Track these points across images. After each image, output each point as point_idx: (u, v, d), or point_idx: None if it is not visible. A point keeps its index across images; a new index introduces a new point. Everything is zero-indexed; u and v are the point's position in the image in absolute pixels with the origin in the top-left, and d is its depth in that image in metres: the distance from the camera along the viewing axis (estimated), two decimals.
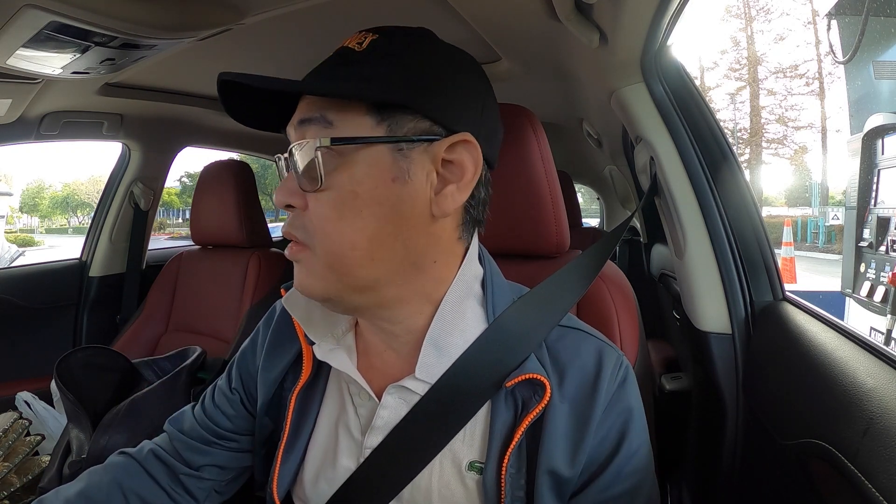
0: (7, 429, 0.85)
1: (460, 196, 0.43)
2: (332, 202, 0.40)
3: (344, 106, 0.40)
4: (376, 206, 0.40)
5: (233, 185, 1.37)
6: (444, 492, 0.44)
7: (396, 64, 0.41)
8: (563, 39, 0.89)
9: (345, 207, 0.40)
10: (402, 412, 0.45)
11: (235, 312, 1.33)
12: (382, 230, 0.41)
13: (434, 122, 0.41)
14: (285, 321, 0.55)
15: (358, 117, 0.40)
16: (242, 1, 0.83)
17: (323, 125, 0.40)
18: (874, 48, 3.41)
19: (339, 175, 0.40)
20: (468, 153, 0.42)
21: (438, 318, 0.45)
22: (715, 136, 0.81)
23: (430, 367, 0.45)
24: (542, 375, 0.43)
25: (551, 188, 0.68)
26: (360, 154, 0.40)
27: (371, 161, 0.40)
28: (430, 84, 0.42)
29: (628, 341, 0.67)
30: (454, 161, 0.42)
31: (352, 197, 0.40)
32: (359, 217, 0.40)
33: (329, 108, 0.40)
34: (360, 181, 0.40)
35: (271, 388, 0.53)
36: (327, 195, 0.40)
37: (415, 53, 0.42)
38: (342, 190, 0.40)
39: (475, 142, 0.42)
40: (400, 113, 0.40)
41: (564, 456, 0.43)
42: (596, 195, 3.79)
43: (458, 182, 0.43)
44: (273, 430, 0.53)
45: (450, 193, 0.42)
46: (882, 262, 2.72)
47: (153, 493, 0.54)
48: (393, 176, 0.40)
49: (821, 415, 0.53)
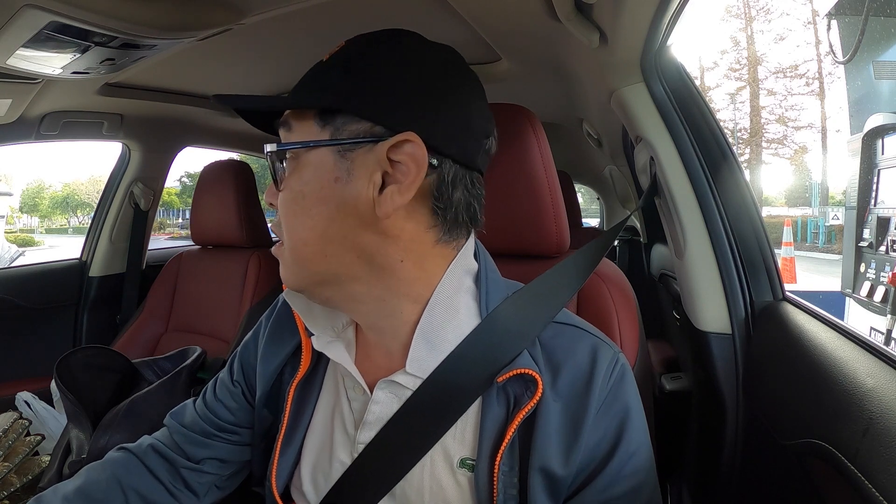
0: (7, 429, 0.85)
1: (401, 198, 0.41)
2: (286, 202, 0.44)
3: (300, 113, 0.44)
4: (322, 205, 0.43)
5: (233, 185, 1.37)
6: (436, 489, 0.44)
7: (342, 70, 0.43)
8: (563, 39, 0.89)
9: (296, 206, 0.43)
10: (393, 407, 0.45)
11: (235, 312, 1.33)
12: (329, 228, 0.43)
13: (375, 124, 0.41)
14: (286, 314, 0.55)
15: (308, 123, 0.43)
16: (242, 1, 0.83)
17: (287, 129, 0.45)
18: (874, 48, 3.42)
19: (293, 177, 0.44)
20: (414, 151, 0.41)
21: (428, 312, 0.45)
22: (715, 136, 0.81)
23: (421, 361, 0.45)
24: (533, 371, 0.43)
25: (551, 188, 0.68)
26: (308, 157, 0.43)
27: (316, 163, 0.43)
28: (371, 86, 0.42)
29: (628, 341, 0.67)
30: (400, 161, 0.41)
31: (300, 196, 0.43)
32: (308, 216, 0.43)
33: (291, 115, 0.44)
34: (307, 182, 0.43)
35: (270, 379, 0.53)
36: (284, 195, 0.44)
37: (365, 57, 0.43)
38: (293, 191, 0.44)
39: (419, 141, 0.41)
40: (340, 116, 0.42)
41: (558, 454, 0.42)
42: (596, 195, 3.79)
43: (399, 184, 0.42)
44: (272, 423, 0.54)
45: (390, 194, 0.42)
46: (882, 262, 2.72)
47: (153, 489, 0.54)
48: (335, 176, 0.42)
49: (821, 415, 0.53)
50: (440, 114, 0.43)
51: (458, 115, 0.44)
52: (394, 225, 0.43)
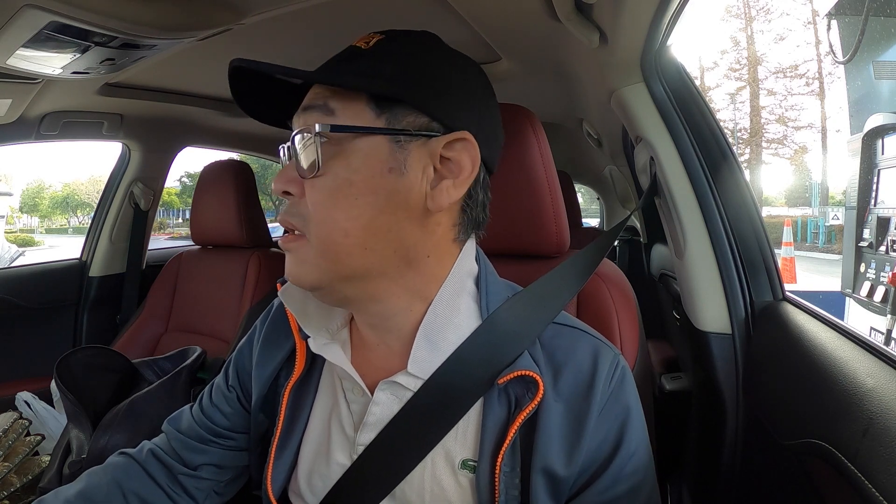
0: (7, 429, 0.85)
1: (455, 192, 0.44)
2: (327, 189, 0.41)
3: (346, 96, 0.41)
4: (371, 195, 0.41)
5: (233, 185, 1.37)
6: (437, 490, 0.44)
7: (397, 61, 0.43)
8: (563, 39, 0.89)
9: (339, 194, 0.41)
10: (394, 409, 0.45)
11: (235, 312, 1.33)
12: (376, 220, 0.41)
13: (432, 119, 0.43)
14: (281, 317, 0.55)
15: (358, 108, 0.41)
16: (242, 1, 0.83)
17: (324, 113, 0.42)
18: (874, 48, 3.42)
19: (337, 163, 0.41)
20: (466, 151, 0.44)
21: (431, 312, 0.45)
22: (715, 136, 0.81)
23: (423, 361, 0.45)
24: (534, 372, 0.43)
25: (551, 188, 0.68)
26: (358, 143, 0.41)
27: (368, 151, 0.41)
28: (429, 82, 0.43)
29: (628, 341, 0.67)
30: (452, 158, 0.43)
31: (347, 185, 0.41)
32: (353, 205, 0.41)
33: (332, 97, 0.42)
34: (356, 169, 0.41)
35: (266, 383, 0.53)
36: (323, 182, 0.41)
37: (416, 53, 0.44)
38: (338, 177, 0.41)
39: (473, 140, 0.43)
40: (399, 107, 0.42)
41: (560, 455, 0.42)
42: (596, 195, 3.79)
43: (454, 178, 0.44)
44: (268, 428, 0.53)
45: (445, 188, 0.43)
46: (882, 262, 2.72)
47: (153, 494, 0.54)
48: (389, 167, 0.41)
49: (821, 415, 0.53)
50: (483, 117, 0.46)
51: (493, 121, 0.48)
52: (436, 219, 0.45)
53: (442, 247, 0.46)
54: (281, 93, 0.46)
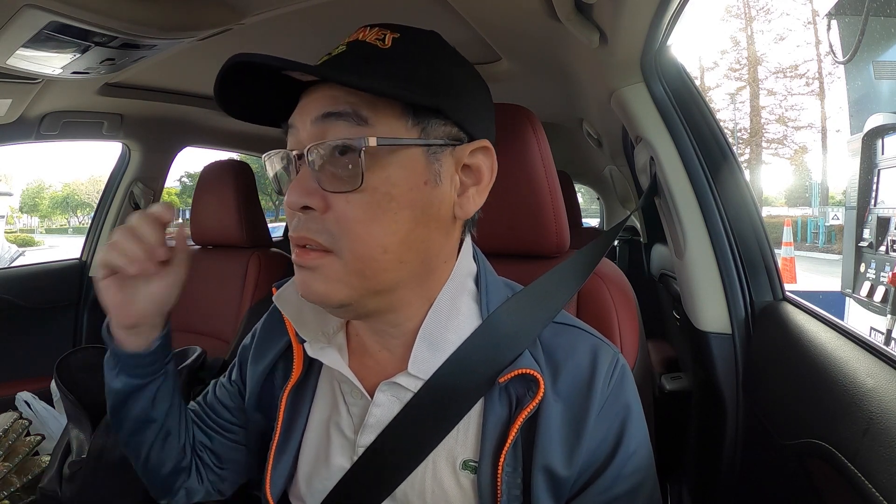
0: (7, 429, 0.85)
1: (479, 199, 0.45)
2: (365, 204, 0.39)
3: (376, 103, 0.39)
4: (409, 209, 0.40)
5: (233, 185, 1.37)
6: (438, 491, 0.44)
7: (427, 66, 0.41)
8: (563, 39, 0.89)
9: (379, 210, 0.39)
10: (394, 410, 0.45)
11: (235, 312, 1.33)
12: (412, 233, 0.41)
13: (460, 129, 0.42)
14: (276, 316, 0.55)
15: (393, 117, 0.39)
16: (242, 1, 0.83)
17: (355, 122, 0.39)
18: (874, 48, 3.42)
19: (375, 176, 0.39)
20: (486, 158, 0.44)
21: (433, 314, 0.45)
22: (715, 136, 0.81)
23: (423, 362, 0.44)
24: (535, 371, 0.43)
25: (551, 188, 0.68)
26: (396, 155, 0.39)
27: (405, 163, 0.40)
28: (457, 89, 0.43)
29: (628, 341, 0.67)
30: (472, 166, 0.44)
31: (387, 199, 0.39)
32: (393, 220, 0.39)
33: (361, 104, 0.39)
34: (395, 183, 0.39)
35: (259, 380, 0.53)
36: (361, 197, 0.39)
37: (439, 57, 0.43)
38: (377, 192, 0.39)
39: (492, 147, 0.44)
40: (432, 116, 0.41)
41: (560, 454, 0.42)
42: (596, 195, 3.79)
43: (476, 185, 0.44)
44: (264, 427, 0.54)
45: (471, 196, 0.44)
46: (882, 262, 2.72)
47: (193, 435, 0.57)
48: (425, 179, 0.40)
49: (821, 415, 0.53)
50: (492, 123, 0.47)
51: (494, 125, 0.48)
52: (456, 227, 0.45)
53: (455, 250, 0.47)
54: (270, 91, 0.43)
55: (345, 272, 0.40)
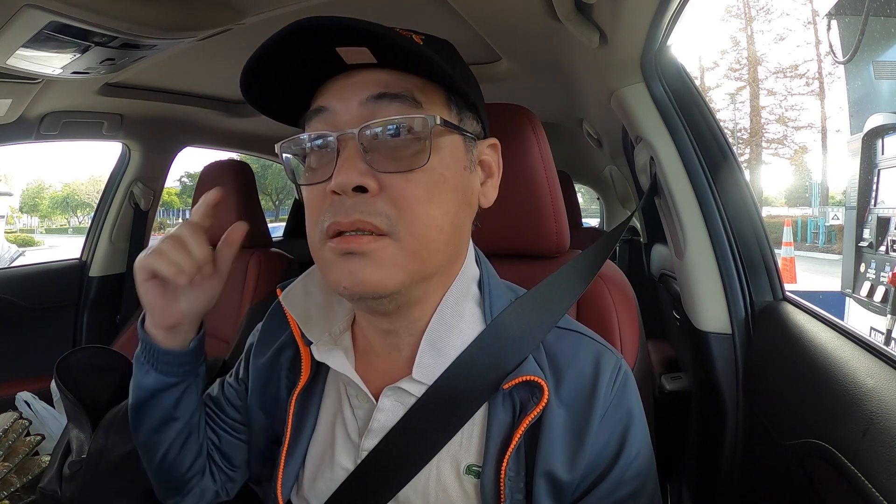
0: (7, 429, 0.85)
1: (494, 192, 0.48)
2: (425, 184, 0.39)
3: (426, 89, 0.40)
4: (457, 191, 0.42)
5: (233, 185, 1.37)
6: (442, 495, 0.44)
7: (457, 65, 0.45)
8: (563, 39, 0.89)
9: (436, 190, 0.40)
10: (398, 415, 0.45)
11: (235, 312, 1.33)
12: (457, 215, 0.42)
13: (482, 124, 0.47)
14: (278, 312, 0.55)
15: (441, 105, 0.42)
16: (242, 1, 0.83)
17: (411, 105, 0.39)
18: (874, 48, 3.42)
19: (434, 157, 0.40)
20: (495, 155, 0.48)
21: (437, 318, 0.45)
22: (715, 136, 0.80)
23: (428, 367, 0.44)
24: (539, 378, 0.43)
25: (551, 188, 0.68)
26: (446, 139, 0.41)
27: (453, 148, 0.42)
28: (476, 90, 0.46)
29: (628, 341, 0.67)
30: (484, 161, 0.47)
31: (441, 180, 0.40)
32: (446, 201, 0.41)
33: (415, 89, 0.40)
34: (447, 165, 0.41)
35: (259, 376, 0.53)
36: (421, 176, 0.39)
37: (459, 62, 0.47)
38: (434, 172, 0.40)
39: (499, 145, 0.48)
40: (466, 108, 0.44)
41: (562, 459, 0.42)
42: (596, 195, 3.79)
43: (490, 178, 0.48)
44: (265, 425, 0.54)
45: (491, 186, 0.48)
46: (882, 262, 2.72)
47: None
48: (465, 165, 0.43)
49: (821, 415, 0.53)
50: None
51: None
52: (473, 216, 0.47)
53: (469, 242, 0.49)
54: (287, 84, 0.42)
55: (402, 255, 0.39)
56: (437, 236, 0.40)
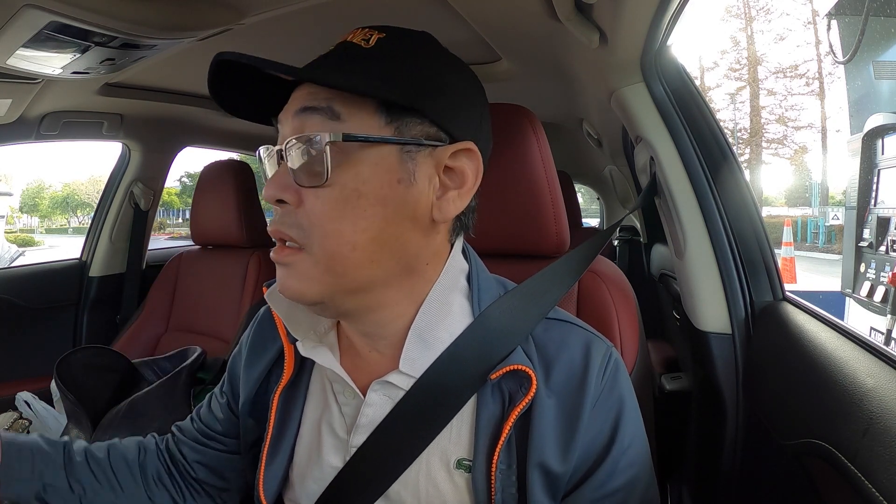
0: (7, 429, 0.85)
1: (461, 202, 0.43)
2: (334, 199, 0.39)
3: (352, 100, 0.39)
4: (380, 206, 0.40)
5: (233, 185, 1.37)
6: (432, 490, 0.44)
7: (406, 65, 0.41)
8: (563, 39, 0.89)
9: (347, 206, 0.39)
10: (386, 409, 0.45)
11: (235, 312, 1.33)
12: (384, 231, 0.40)
13: (440, 128, 0.42)
14: (268, 319, 0.54)
15: (367, 114, 0.39)
16: (242, 1, 0.83)
17: (328, 117, 0.39)
18: (874, 48, 3.42)
19: (344, 172, 0.39)
20: (470, 161, 0.43)
21: (424, 311, 0.45)
22: (715, 136, 0.80)
23: (415, 360, 0.44)
24: (527, 367, 0.43)
25: (551, 188, 0.68)
26: (367, 152, 0.39)
27: (377, 160, 0.39)
28: (439, 90, 0.42)
29: (628, 341, 0.67)
30: (455, 168, 0.43)
31: (355, 196, 0.39)
32: (362, 217, 0.39)
33: (335, 100, 0.39)
34: (365, 180, 0.39)
35: (254, 386, 0.52)
36: (329, 192, 0.39)
37: (423, 56, 0.43)
38: (346, 188, 0.39)
39: (477, 150, 0.43)
40: (409, 115, 0.40)
41: (554, 450, 0.42)
42: (596, 195, 3.79)
43: (459, 189, 0.43)
44: (258, 434, 0.53)
45: (451, 199, 0.43)
46: (882, 262, 2.72)
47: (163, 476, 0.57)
48: (398, 177, 0.40)
49: (821, 415, 0.53)
50: (482, 126, 0.46)
51: (488, 127, 0.47)
52: (437, 228, 0.44)
53: (440, 252, 0.46)
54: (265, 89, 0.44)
55: (316, 269, 0.40)
56: (350, 253, 0.39)
